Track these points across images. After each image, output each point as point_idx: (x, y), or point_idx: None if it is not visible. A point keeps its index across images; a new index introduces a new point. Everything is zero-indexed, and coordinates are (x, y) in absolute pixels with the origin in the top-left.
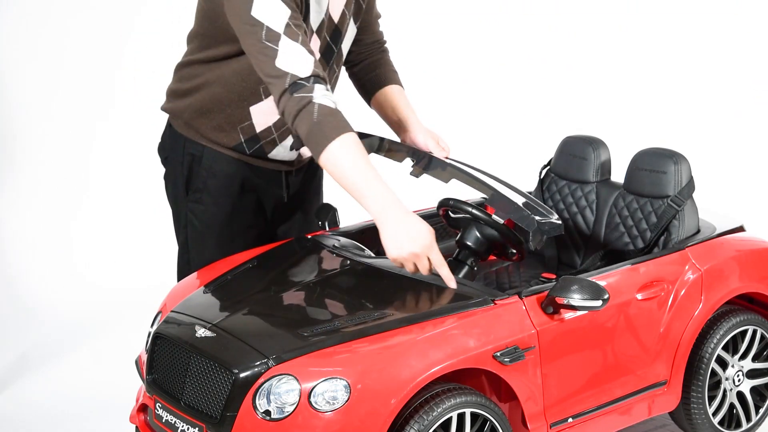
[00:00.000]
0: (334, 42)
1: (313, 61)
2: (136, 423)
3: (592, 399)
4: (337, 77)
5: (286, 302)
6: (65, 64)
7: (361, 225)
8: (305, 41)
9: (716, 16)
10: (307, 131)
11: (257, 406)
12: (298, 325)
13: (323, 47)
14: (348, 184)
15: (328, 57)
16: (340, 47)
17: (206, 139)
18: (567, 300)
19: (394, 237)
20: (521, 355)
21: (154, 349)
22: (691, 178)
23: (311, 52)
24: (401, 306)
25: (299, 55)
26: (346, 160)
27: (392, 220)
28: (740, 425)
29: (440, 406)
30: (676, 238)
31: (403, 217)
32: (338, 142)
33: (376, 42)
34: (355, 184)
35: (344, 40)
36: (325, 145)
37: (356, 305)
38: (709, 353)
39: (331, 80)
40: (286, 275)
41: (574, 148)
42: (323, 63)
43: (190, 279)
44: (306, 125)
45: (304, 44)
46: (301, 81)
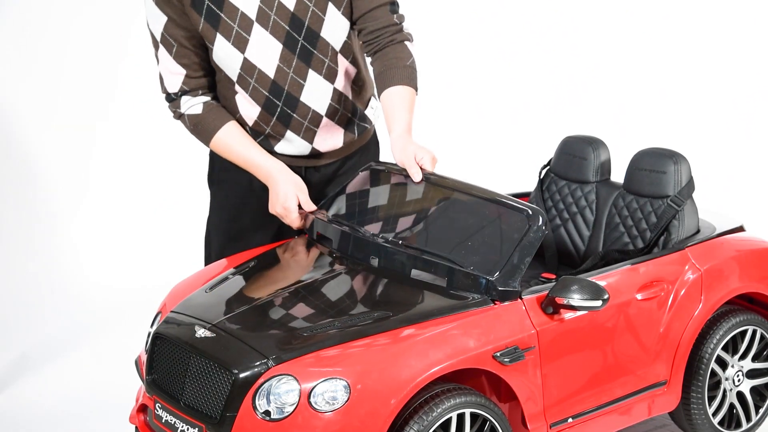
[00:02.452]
0: (296, 30)
1: (183, 76)
2: (135, 423)
3: (592, 399)
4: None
5: (286, 302)
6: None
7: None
8: (180, 52)
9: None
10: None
11: (257, 406)
12: (298, 326)
13: (282, 36)
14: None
15: (290, 47)
16: (315, 36)
17: None
18: (567, 300)
19: (270, 200)
20: (521, 356)
21: (153, 349)
22: (690, 178)
23: (185, 65)
24: (401, 306)
25: (169, 70)
26: (224, 151)
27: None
28: (740, 425)
29: (440, 407)
30: (676, 238)
31: (272, 182)
32: (212, 144)
33: (383, 29)
34: (241, 164)
35: (317, 28)
36: (207, 143)
37: (356, 305)
38: (709, 353)
39: (313, 64)
40: (286, 275)
41: (574, 148)
42: (287, 54)
43: (189, 279)
44: (189, 129)
45: (177, 56)
46: (171, 95)
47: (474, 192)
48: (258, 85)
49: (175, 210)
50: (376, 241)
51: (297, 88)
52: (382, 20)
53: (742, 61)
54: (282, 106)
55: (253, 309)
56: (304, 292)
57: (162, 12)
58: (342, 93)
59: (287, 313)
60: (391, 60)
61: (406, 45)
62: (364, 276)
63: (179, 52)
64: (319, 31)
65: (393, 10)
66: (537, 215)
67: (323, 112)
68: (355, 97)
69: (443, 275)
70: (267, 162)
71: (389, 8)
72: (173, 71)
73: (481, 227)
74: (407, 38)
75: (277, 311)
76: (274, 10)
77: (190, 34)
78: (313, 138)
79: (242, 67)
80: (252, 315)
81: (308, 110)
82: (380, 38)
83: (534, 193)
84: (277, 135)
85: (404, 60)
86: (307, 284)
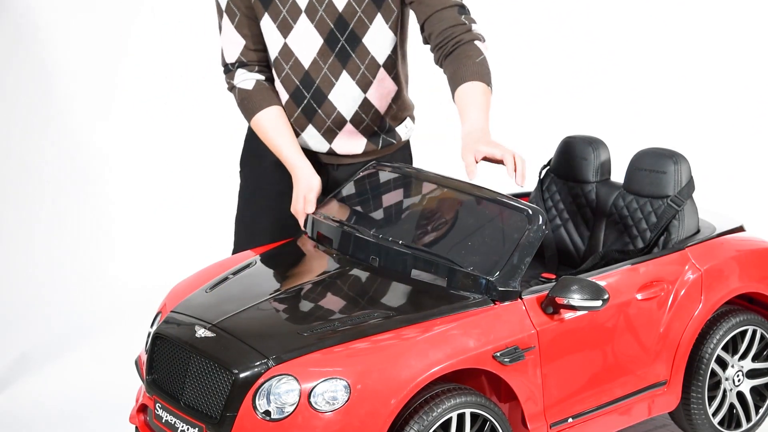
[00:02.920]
0: (340, 31)
1: (243, 46)
2: (135, 423)
3: (592, 399)
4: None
5: (286, 302)
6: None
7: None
8: (242, 22)
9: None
10: (239, 108)
11: (257, 406)
12: (298, 326)
13: (325, 32)
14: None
15: (331, 44)
16: (357, 40)
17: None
18: (567, 300)
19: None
20: (521, 356)
21: (153, 349)
22: (690, 178)
23: (245, 35)
24: (401, 306)
25: (230, 40)
26: (261, 136)
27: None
28: (740, 425)
29: (440, 407)
30: (676, 238)
31: (294, 181)
32: (252, 123)
33: (450, 28)
34: (274, 152)
35: (360, 34)
36: (249, 119)
37: (356, 305)
38: (709, 353)
39: (348, 67)
40: (286, 275)
41: (574, 148)
42: (326, 50)
43: (189, 279)
44: (237, 102)
45: (239, 26)
46: (228, 65)
47: (474, 192)
48: (291, 73)
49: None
50: (376, 240)
51: (327, 84)
52: (449, 20)
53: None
54: (309, 98)
55: (253, 309)
56: (304, 292)
57: None
58: (373, 105)
59: (287, 314)
60: (461, 59)
61: (475, 44)
62: (364, 276)
63: (241, 22)
64: (362, 37)
65: (461, 12)
66: (537, 215)
67: (348, 117)
68: (387, 113)
69: (443, 275)
70: (293, 158)
71: (457, 10)
72: (234, 40)
73: (481, 227)
74: (477, 38)
75: (277, 311)
76: (323, 6)
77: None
78: (332, 139)
79: (280, 51)
80: (252, 315)
81: (333, 110)
82: (448, 40)
83: (534, 193)
84: (299, 128)
85: (473, 57)
86: (307, 284)
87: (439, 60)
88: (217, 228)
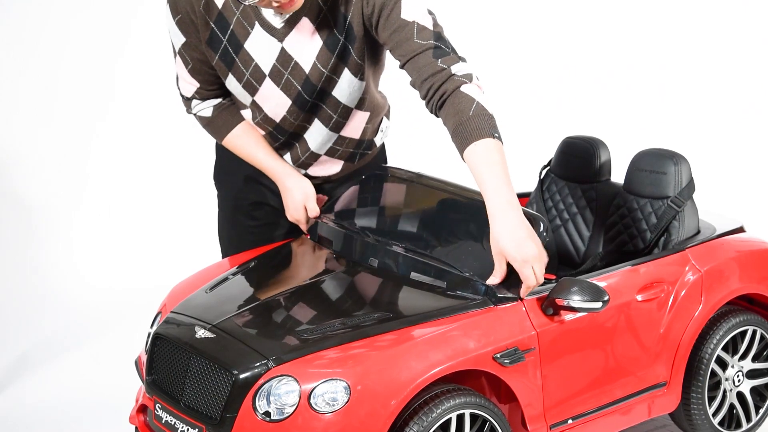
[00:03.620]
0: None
1: (196, 88)
2: (135, 424)
3: (592, 400)
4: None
5: (286, 303)
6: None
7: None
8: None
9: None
10: (206, 130)
11: (257, 407)
12: (298, 326)
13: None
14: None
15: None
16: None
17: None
18: (567, 301)
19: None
20: (521, 357)
21: (153, 349)
22: (691, 179)
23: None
24: (401, 307)
25: (183, 79)
26: (238, 154)
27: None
28: (740, 425)
29: (439, 407)
30: (676, 239)
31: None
32: (224, 144)
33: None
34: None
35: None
36: (220, 143)
37: (356, 306)
38: (709, 354)
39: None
40: (286, 276)
41: (574, 148)
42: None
43: (189, 279)
44: (201, 126)
45: (192, 72)
46: (184, 96)
47: (474, 197)
48: (263, 122)
49: (175, 210)
50: (375, 245)
51: (301, 130)
52: (426, 69)
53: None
54: (286, 139)
55: (253, 310)
56: (304, 293)
57: (181, 32)
58: (347, 137)
59: (287, 314)
60: (453, 117)
61: (462, 92)
62: (364, 277)
63: (195, 69)
64: (331, 91)
65: (437, 53)
66: (537, 222)
67: (322, 152)
68: (363, 135)
69: (442, 279)
70: (276, 167)
71: (432, 53)
72: (188, 81)
73: (481, 232)
74: (462, 82)
75: (278, 312)
76: (288, 69)
77: (207, 59)
78: (308, 167)
79: (251, 104)
80: (252, 316)
81: (308, 148)
82: (432, 92)
83: (534, 194)
84: (278, 152)
85: (464, 112)
86: (308, 285)
87: (434, 112)
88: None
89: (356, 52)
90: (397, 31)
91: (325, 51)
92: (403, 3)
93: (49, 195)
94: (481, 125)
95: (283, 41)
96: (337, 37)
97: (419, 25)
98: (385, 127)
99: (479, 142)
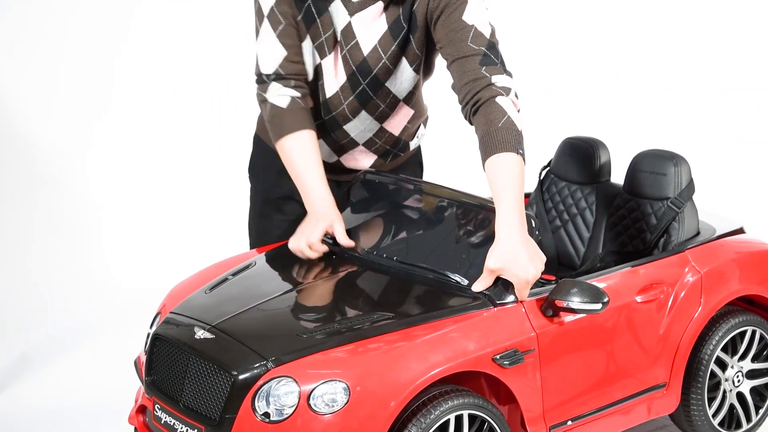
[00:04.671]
0: (362, 75)
1: (283, 57)
2: (134, 424)
3: (591, 402)
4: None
5: (286, 304)
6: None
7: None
8: (286, 32)
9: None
10: (267, 124)
11: (256, 408)
12: (298, 327)
13: (347, 72)
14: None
15: (353, 85)
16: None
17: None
18: (566, 303)
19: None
20: (520, 358)
21: (153, 350)
22: (691, 180)
23: (288, 46)
24: (401, 308)
25: (270, 48)
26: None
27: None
28: (740, 426)
29: (437, 409)
30: (676, 240)
31: (310, 214)
32: (278, 144)
33: (468, 84)
34: (294, 178)
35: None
36: (275, 141)
37: (356, 307)
38: (709, 355)
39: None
40: (286, 277)
41: (574, 149)
42: (347, 88)
43: (189, 280)
44: (264, 116)
45: (281, 35)
46: (263, 75)
47: (462, 199)
48: (314, 98)
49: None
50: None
51: (343, 119)
52: (469, 74)
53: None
54: (325, 123)
55: (252, 310)
56: (303, 294)
57: None
58: (388, 131)
59: (287, 315)
60: (483, 126)
61: (497, 102)
62: (363, 278)
63: (285, 32)
64: (385, 82)
65: (485, 62)
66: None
67: (362, 141)
68: (402, 133)
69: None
70: (316, 192)
71: (480, 59)
72: (273, 49)
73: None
74: (499, 93)
75: (277, 313)
76: (349, 46)
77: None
78: (342, 154)
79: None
80: (252, 316)
81: (347, 136)
82: (469, 97)
83: (534, 195)
84: (319, 133)
85: (495, 123)
86: (307, 286)
87: (467, 118)
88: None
89: (416, 42)
90: (454, 31)
91: (388, 36)
92: (468, 6)
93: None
94: (508, 138)
95: (352, 16)
96: (402, 25)
97: (477, 30)
98: (421, 134)
99: (502, 154)
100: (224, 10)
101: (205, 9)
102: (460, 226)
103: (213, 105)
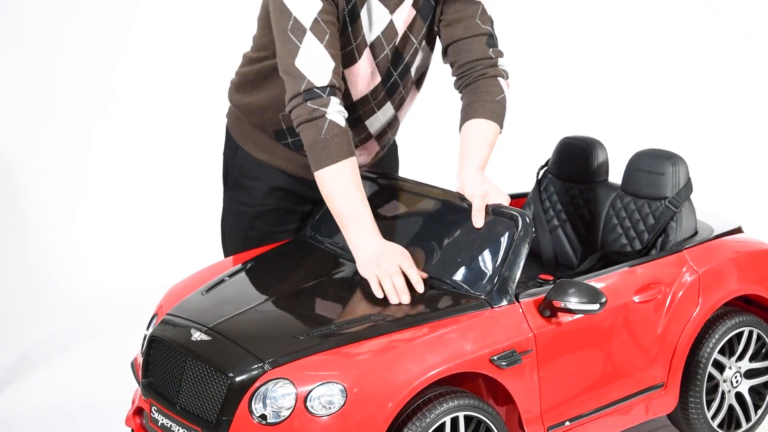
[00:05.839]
0: (395, 66)
1: (333, 68)
2: (131, 426)
3: (589, 402)
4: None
5: (283, 305)
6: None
7: None
8: (331, 42)
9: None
10: (312, 143)
11: (253, 410)
12: (295, 329)
13: (382, 71)
14: (335, 209)
15: (385, 82)
16: (407, 71)
17: (242, 139)
18: (564, 303)
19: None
20: (518, 359)
21: (149, 352)
22: (688, 180)
23: (334, 57)
24: (398, 309)
25: (319, 60)
26: (338, 185)
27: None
28: (740, 426)
29: (434, 411)
30: (674, 239)
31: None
32: (336, 168)
33: (475, 61)
34: (341, 211)
35: (412, 62)
36: (326, 165)
37: (352, 308)
38: (706, 357)
39: (393, 96)
40: (283, 278)
41: (572, 148)
42: (380, 85)
43: (185, 281)
44: (312, 136)
45: (328, 46)
46: (317, 89)
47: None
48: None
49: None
50: None
51: (368, 114)
52: (476, 52)
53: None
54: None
55: (249, 312)
56: (300, 296)
57: None
58: (398, 119)
59: (283, 317)
60: (480, 93)
61: (498, 80)
62: (360, 280)
63: (331, 42)
64: (411, 66)
65: (490, 43)
66: (523, 218)
67: (375, 134)
68: (398, 123)
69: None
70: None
71: (486, 40)
72: (322, 61)
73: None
74: (501, 74)
75: (274, 314)
76: (391, 44)
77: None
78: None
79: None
80: (248, 318)
81: (365, 131)
82: (472, 71)
83: (531, 194)
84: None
85: (494, 95)
86: (304, 288)
87: (459, 87)
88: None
89: (437, 15)
90: (466, 3)
91: (419, 20)
92: None
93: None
94: (499, 112)
95: (393, 13)
96: (431, 4)
97: (484, 8)
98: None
99: (490, 122)
100: (225, 11)
101: (205, 9)
102: (454, 226)
103: (212, 106)
